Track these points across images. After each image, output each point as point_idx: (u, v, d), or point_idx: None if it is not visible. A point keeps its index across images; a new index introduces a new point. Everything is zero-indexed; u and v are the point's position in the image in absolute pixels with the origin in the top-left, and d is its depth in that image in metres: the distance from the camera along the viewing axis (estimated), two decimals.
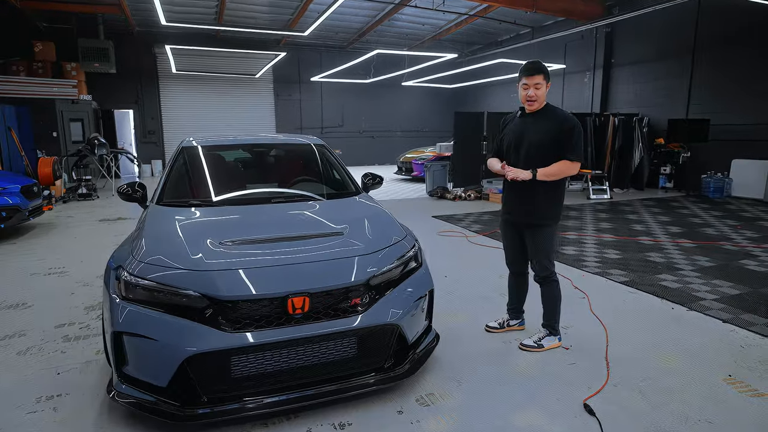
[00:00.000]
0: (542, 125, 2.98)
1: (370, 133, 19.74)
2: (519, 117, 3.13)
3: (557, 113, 3.00)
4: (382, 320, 2.47)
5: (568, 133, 2.91)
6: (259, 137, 4.36)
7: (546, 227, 3.08)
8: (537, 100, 2.96)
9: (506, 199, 3.24)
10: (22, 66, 13.45)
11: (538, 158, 2.95)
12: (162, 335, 2.22)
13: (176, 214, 3.04)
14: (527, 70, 2.96)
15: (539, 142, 2.97)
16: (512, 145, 3.09)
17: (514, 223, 3.20)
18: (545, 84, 2.95)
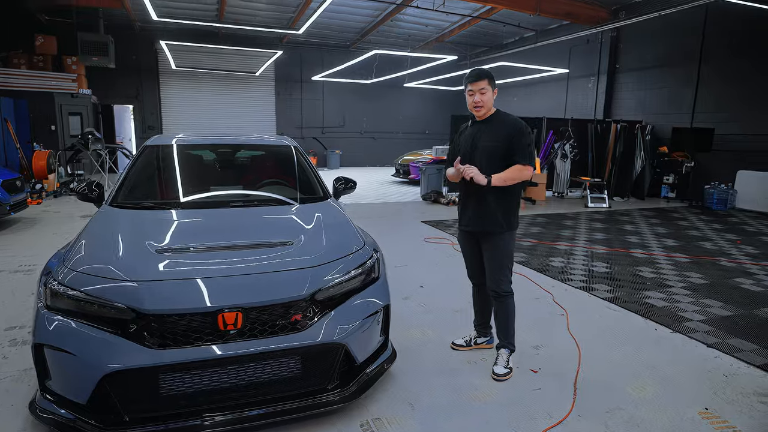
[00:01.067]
0: (493, 132, 2.88)
1: (371, 134, 19.59)
2: (471, 125, 3.02)
3: (506, 119, 2.91)
4: (325, 339, 2.30)
5: (517, 137, 2.80)
6: (230, 137, 4.20)
7: (499, 235, 2.90)
8: (483, 106, 2.88)
9: (462, 207, 3.08)
10: (23, 59, 13.42)
11: (491, 165, 2.82)
12: (81, 350, 2.07)
13: (122, 218, 2.89)
14: (471, 77, 2.89)
15: (491, 148, 2.85)
16: (466, 153, 2.94)
17: (471, 232, 3.02)
18: (491, 89, 2.88)
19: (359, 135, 19.45)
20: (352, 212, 4.65)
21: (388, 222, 7.95)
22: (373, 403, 2.58)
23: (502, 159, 2.82)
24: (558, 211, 9.18)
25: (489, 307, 3.21)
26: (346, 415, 2.45)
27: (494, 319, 3.10)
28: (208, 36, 15.70)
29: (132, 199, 3.20)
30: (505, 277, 2.94)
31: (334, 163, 18.32)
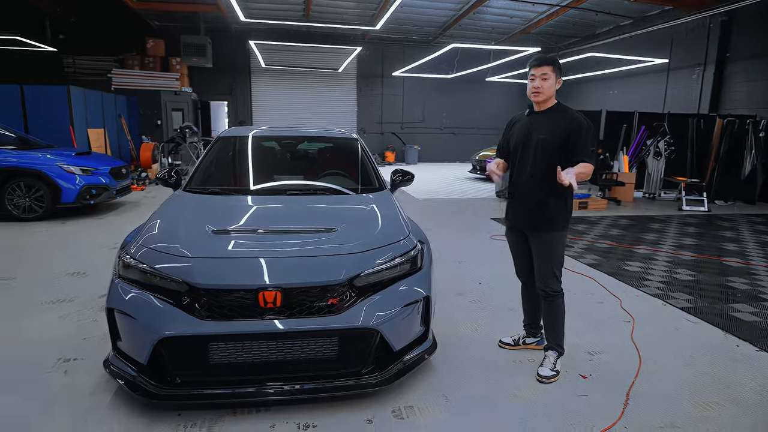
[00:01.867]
0: (550, 124, 2.71)
1: (451, 129, 19.36)
2: (527, 116, 2.86)
3: (567, 112, 2.74)
4: (360, 323, 2.36)
5: (577, 134, 2.62)
6: (297, 130, 4.41)
7: (547, 232, 2.77)
8: (542, 92, 2.70)
9: (510, 203, 2.96)
10: (136, 60, 15.03)
11: (543, 158, 2.69)
12: (142, 315, 2.31)
13: (190, 201, 3.17)
14: (534, 61, 2.73)
15: (546, 141, 2.70)
16: (519, 144, 2.81)
17: (519, 229, 2.91)
18: (554, 77, 2.70)
19: (439, 130, 19.32)
20: (423, 207, 4.68)
21: (456, 217, 7.86)
22: (409, 391, 2.60)
23: (555, 152, 2.67)
24: (646, 214, 8.48)
25: (538, 306, 3.08)
26: (379, 400, 2.50)
27: (543, 320, 2.97)
28: (295, 35, 16.43)
29: (201, 185, 3.49)
30: (554, 276, 2.80)
31: (412, 158, 18.39)
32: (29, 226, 6.45)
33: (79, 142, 10.07)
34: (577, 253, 5.61)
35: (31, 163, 6.68)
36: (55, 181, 6.70)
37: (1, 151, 6.68)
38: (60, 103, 9.86)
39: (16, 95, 9.70)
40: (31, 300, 3.80)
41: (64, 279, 4.29)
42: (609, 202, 9.46)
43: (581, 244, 6.07)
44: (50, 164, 6.75)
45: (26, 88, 9.81)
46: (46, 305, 3.70)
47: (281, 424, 2.30)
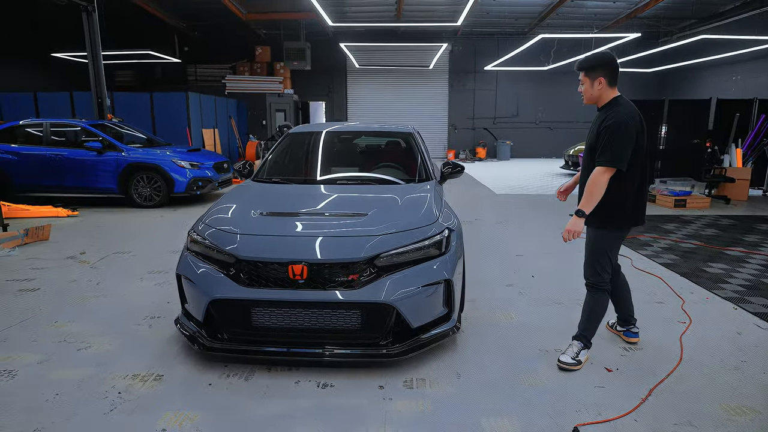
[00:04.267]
0: (595, 124, 2.74)
1: (547, 123, 18.57)
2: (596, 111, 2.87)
3: (610, 110, 2.66)
4: (377, 299, 2.60)
5: (603, 133, 2.61)
6: (359, 126, 4.74)
7: (590, 227, 2.81)
8: (584, 95, 2.79)
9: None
10: (246, 67, 16.65)
11: (591, 161, 2.71)
12: (199, 281, 2.79)
13: (253, 188, 3.66)
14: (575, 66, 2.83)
15: (589, 144, 2.75)
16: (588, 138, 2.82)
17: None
18: (588, 80, 2.71)
19: (533, 125, 18.65)
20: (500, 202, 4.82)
21: (531, 213, 7.68)
22: (424, 366, 2.79)
23: (592, 153, 2.69)
24: (757, 213, 7.53)
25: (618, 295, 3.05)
26: (395, 370, 2.72)
27: (582, 308, 2.95)
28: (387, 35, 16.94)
29: (267, 176, 3.98)
30: (593, 270, 2.84)
31: (504, 154, 17.99)
32: (149, 212, 7.63)
33: (194, 141, 11.52)
34: (654, 252, 5.26)
35: (151, 159, 7.88)
36: (170, 174, 7.83)
37: (130, 149, 7.97)
38: (180, 107, 11.36)
39: (147, 101, 11.38)
40: (139, 269, 4.61)
41: (166, 255, 5.10)
42: (715, 200, 8.54)
43: (662, 243, 5.65)
44: (166, 159, 7.90)
45: (154, 95, 11.45)
46: (148, 274, 4.46)
47: (304, 381, 2.63)
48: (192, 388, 2.57)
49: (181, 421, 2.28)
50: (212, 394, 2.52)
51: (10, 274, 4.50)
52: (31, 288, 4.10)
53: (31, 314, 3.56)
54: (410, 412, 2.36)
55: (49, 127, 8.08)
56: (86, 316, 3.52)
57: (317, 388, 2.57)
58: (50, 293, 4.00)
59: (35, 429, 2.23)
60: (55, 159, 7.81)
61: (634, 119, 2.61)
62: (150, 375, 2.69)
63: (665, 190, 8.19)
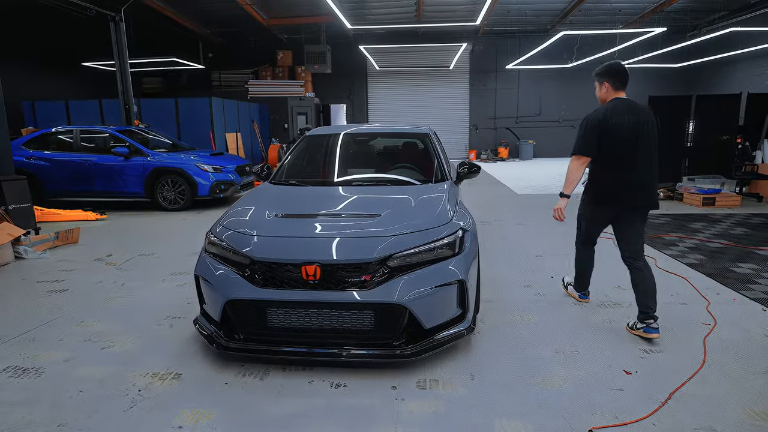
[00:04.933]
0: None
1: (571, 122, 18.23)
2: None
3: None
4: (389, 299, 2.61)
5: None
6: (375, 127, 4.77)
7: (581, 199, 3.65)
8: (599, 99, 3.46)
9: None
10: (268, 71, 16.90)
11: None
12: (216, 281, 2.85)
13: (269, 191, 3.72)
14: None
15: None
16: None
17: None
18: (597, 84, 3.42)
19: (556, 124, 18.36)
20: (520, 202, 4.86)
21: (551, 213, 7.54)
22: (438, 366, 2.78)
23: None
24: None
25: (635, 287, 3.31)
26: (408, 371, 2.72)
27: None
28: (406, 36, 16.93)
29: (283, 178, 4.03)
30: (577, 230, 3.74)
31: (526, 154, 17.78)
32: (173, 215, 7.82)
33: (218, 145, 11.76)
34: (679, 252, 5.11)
35: (175, 163, 8.08)
36: (193, 177, 8.01)
37: (156, 154, 8.19)
38: (204, 112, 11.61)
39: (172, 107, 11.67)
40: (162, 271, 4.73)
41: (187, 257, 5.21)
42: (746, 198, 8.24)
43: (688, 243, 5.48)
44: (190, 164, 8.09)
45: (179, 101, 11.73)
46: (170, 276, 4.58)
47: (318, 381, 2.66)
48: (209, 387, 2.62)
49: (197, 419, 2.33)
50: (228, 392, 2.57)
51: (41, 275, 4.68)
52: (59, 289, 4.26)
53: (59, 314, 3.69)
54: (422, 413, 2.36)
55: (78, 134, 8.38)
56: (110, 316, 3.63)
57: (330, 387, 2.60)
58: (77, 294, 4.14)
59: (59, 425, 2.31)
60: (85, 164, 8.09)
61: (599, 115, 3.24)
62: (169, 374, 2.76)
63: (693, 189, 7.95)
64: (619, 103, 3.26)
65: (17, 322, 3.54)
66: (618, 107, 3.24)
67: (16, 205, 6.55)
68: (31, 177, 8.01)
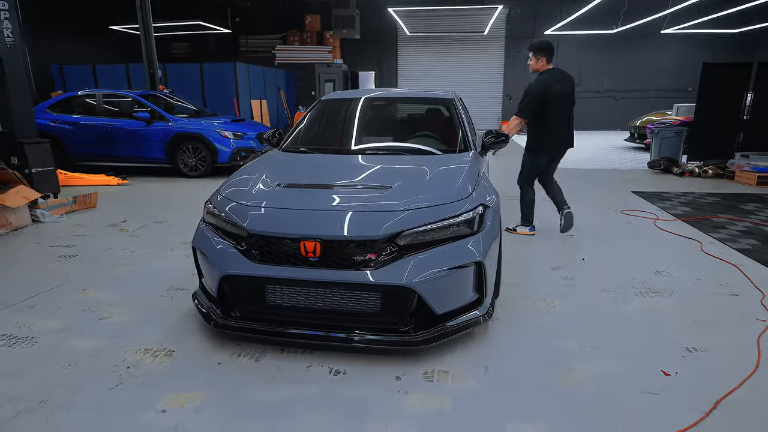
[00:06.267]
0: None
1: (613, 93, 17.19)
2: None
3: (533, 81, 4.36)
4: (395, 281, 2.35)
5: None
6: (395, 92, 4.42)
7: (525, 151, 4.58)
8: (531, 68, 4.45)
9: None
10: (296, 37, 16.48)
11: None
12: (212, 255, 2.64)
13: (277, 158, 3.46)
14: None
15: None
16: None
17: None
18: (534, 58, 4.35)
19: (597, 95, 17.33)
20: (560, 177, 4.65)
21: (591, 189, 7.07)
22: (449, 356, 2.52)
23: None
24: None
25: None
26: (415, 359, 2.48)
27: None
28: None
29: (294, 145, 3.76)
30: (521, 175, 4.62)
31: None
32: (193, 182, 7.73)
33: (242, 112, 11.58)
34: (729, 235, 4.62)
35: (196, 129, 7.93)
36: (214, 144, 7.86)
37: (177, 119, 8.06)
38: (228, 78, 11.40)
39: (197, 72, 11.50)
40: (172, 239, 4.60)
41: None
42: None
43: (740, 226, 4.97)
44: (210, 130, 7.92)
45: (204, 66, 11.54)
46: (180, 244, 4.44)
47: (316, 367, 2.44)
48: (200, 367, 2.45)
49: (183, 402, 2.16)
50: (220, 373, 2.39)
51: (54, 240, 4.63)
52: (69, 254, 4.19)
53: (64, 280, 3.61)
54: (425, 409, 2.11)
55: (102, 98, 8.31)
56: (114, 285, 3.51)
57: (329, 374, 2.38)
58: (86, 260, 4.05)
59: (41, 401, 2.18)
60: (108, 129, 8.04)
61: (542, 86, 4.20)
62: (162, 350, 2.60)
63: (746, 166, 7.27)
64: (553, 73, 4.29)
65: (22, 287, 3.47)
66: (554, 77, 4.26)
67: (39, 168, 6.56)
68: (55, 140, 8.07)
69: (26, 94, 6.91)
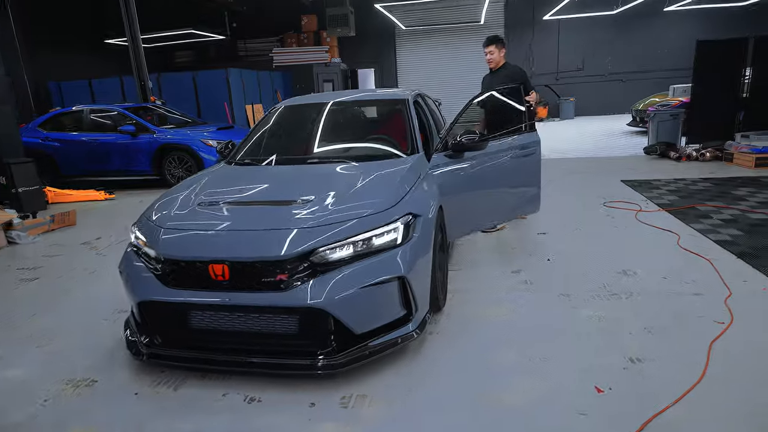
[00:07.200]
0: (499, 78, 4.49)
1: (619, 75, 16.62)
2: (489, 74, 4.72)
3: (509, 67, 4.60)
4: (306, 302, 2.24)
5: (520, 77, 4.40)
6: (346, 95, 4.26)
7: None
8: (493, 61, 4.59)
9: None
10: (293, 38, 16.38)
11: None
12: (132, 280, 2.58)
13: (212, 174, 3.36)
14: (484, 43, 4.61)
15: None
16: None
17: None
18: (496, 50, 4.53)
19: (602, 78, 16.79)
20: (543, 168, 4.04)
21: (577, 179, 6.82)
22: (372, 377, 2.40)
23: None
24: None
25: None
26: (334, 382, 2.36)
27: None
28: None
29: (240, 157, 3.67)
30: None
31: (567, 112, 16.49)
32: None
33: (238, 117, 11.58)
34: (711, 225, 4.36)
35: (180, 139, 7.94)
36: (199, 153, 7.84)
37: (162, 130, 8.09)
38: (221, 85, 11.41)
39: (190, 80, 11.55)
40: None
41: None
42: None
43: (726, 214, 4.69)
44: (195, 139, 7.92)
45: (197, 74, 11.58)
46: None
47: (233, 394, 2.35)
48: (117, 398, 2.38)
49: None
50: (133, 406, 2.32)
51: (23, 261, 4.67)
52: (31, 278, 4.20)
53: (18, 306, 3.61)
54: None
55: (88, 114, 8.40)
56: (62, 310, 3.49)
57: (243, 402, 2.29)
58: (46, 284, 4.06)
59: None
60: (95, 144, 8.12)
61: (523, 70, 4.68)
62: (84, 380, 2.55)
63: (745, 147, 6.90)
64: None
65: None
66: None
67: (26, 188, 6.67)
68: (46, 158, 8.20)
69: (10, 116, 7.03)
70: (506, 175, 3.83)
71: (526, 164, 3.91)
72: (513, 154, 3.81)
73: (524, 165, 3.90)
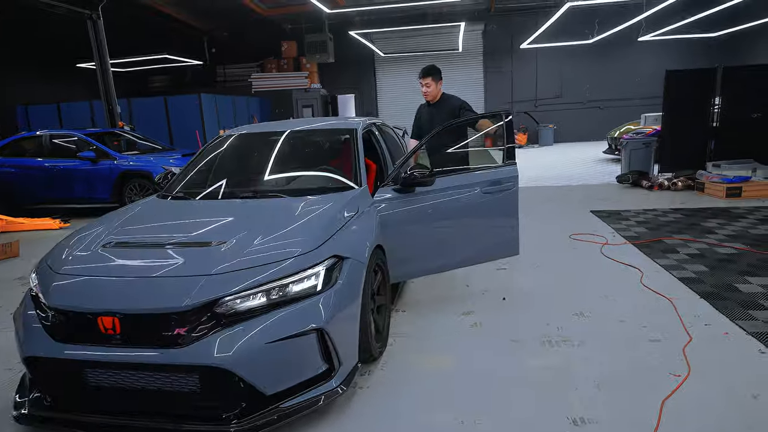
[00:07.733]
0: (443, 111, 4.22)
1: (597, 102, 16.82)
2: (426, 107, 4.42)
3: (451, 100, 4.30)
4: (203, 361, 1.98)
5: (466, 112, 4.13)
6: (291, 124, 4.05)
7: None
8: (430, 94, 4.27)
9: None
10: (273, 64, 16.37)
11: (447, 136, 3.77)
12: (21, 331, 2.29)
13: (138, 207, 3.11)
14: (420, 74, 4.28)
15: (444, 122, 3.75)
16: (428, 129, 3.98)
17: None
18: (433, 83, 4.21)
19: (580, 105, 16.97)
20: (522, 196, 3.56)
21: (548, 210, 6.66)
22: None
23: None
24: None
25: None
26: None
27: None
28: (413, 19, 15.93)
29: (173, 189, 3.41)
30: None
31: (546, 139, 16.57)
32: None
33: None
34: (677, 261, 4.18)
35: (143, 166, 7.69)
36: None
37: (124, 157, 7.83)
38: (193, 110, 11.24)
39: (161, 105, 11.36)
40: None
41: None
42: None
43: (693, 247, 4.53)
44: (157, 166, 7.66)
45: (169, 99, 11.40)
46: None
47: None
48: None
49: None
50: None
51: None
52: None
53: None
54: None
55: (48, 140, 8.12)
56: None
57: None
58: None
59: None
60: (52, 170, 7.82)
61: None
62: None
63: (715, 177, 6.82)
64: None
65: None
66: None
67: None
68: (3, 185, 7.88)
69: None
70: (471, 212, 3.41)
71: (499, 201, 3.42)
72: (482, 189, 3.39)
73: (497, 202, 3.42)
